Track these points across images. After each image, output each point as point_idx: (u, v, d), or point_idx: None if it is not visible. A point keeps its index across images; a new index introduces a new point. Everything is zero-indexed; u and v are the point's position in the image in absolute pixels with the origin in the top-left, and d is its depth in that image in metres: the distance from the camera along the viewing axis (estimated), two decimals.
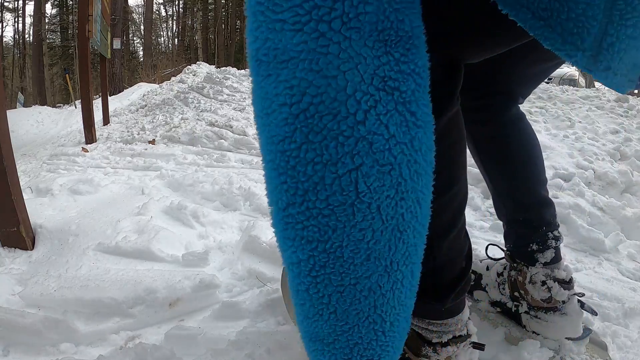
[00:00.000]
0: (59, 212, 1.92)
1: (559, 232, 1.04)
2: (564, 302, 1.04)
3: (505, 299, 1.15)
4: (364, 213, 0.47)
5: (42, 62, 19.67)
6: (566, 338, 1.05)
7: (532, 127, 1.14)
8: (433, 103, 0.49)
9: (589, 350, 1.07)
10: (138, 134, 3.92)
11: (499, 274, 1.18)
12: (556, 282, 1.02)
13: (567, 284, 1.03)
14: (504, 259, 1.23)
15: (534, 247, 1.03)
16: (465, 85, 0.67)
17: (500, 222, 1.17)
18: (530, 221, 1.03)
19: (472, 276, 1.25)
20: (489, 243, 1.24)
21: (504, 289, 1.16)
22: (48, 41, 22.16)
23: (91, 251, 1.55)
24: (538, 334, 1.07)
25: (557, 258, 1.03)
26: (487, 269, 1.22)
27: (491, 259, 1.21)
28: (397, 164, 0.46)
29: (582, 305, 1.12)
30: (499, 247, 1.22)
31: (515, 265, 1.11)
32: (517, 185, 1.04)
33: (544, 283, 1.03)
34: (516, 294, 1.11)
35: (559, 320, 1.03)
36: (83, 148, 3.55)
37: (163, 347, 1.07)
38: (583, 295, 1.10)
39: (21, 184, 1.69)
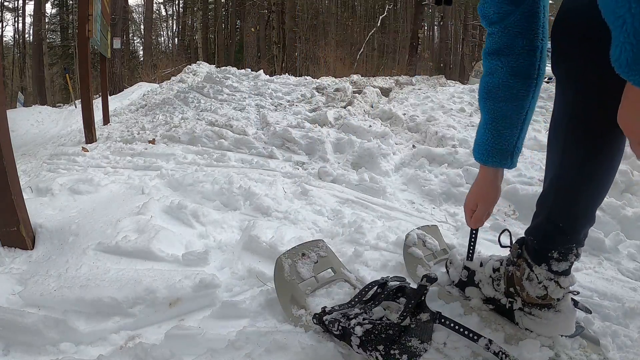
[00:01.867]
0: (59, 212, 1.92)
1: (581, 250, 1.01)
2: (558, 299, 1.03)
3: (499, 296, 1.14)
4: None
5: (42, 62, 19.62)
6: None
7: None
8: None
9: (582, 346, 1.08)
10: (138, 133, 3.92)
11: (495, 270, 1.17)
12: (554, 282, 1.01)
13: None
14: (496, 255, 1.22)
15: (555, 254, 1.00)
16: None
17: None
18: (568, 232, 0.99)
19: (465, 272, 1.24)
20: (504, 229, 1.21)
21: (498, 285, 1.15)
22: (48, 41, 22.12)
23: (91, 251, 1.55)
24: (531, 332, 1.06)
25: (567, 272, 1.02)
26: (481, 265, 1.21)
27: (503, 246, 1.19)
28: None
29: (575, 303, 1.12)
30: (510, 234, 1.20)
31: (516, 260, 1.10)
32: (599, 194, 0.97)
33: (541, 282, 1.02)
34: (511, 289, 1.10)
35: (553, 317, 1.03)
36: (83, 148, 3.55)
37: (163, 347, 1.07)
38: (578, 293, 1.10)
39: (21, 183, 1.69)
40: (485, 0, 1.00)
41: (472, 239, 1.26)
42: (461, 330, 1.04)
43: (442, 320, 1.07)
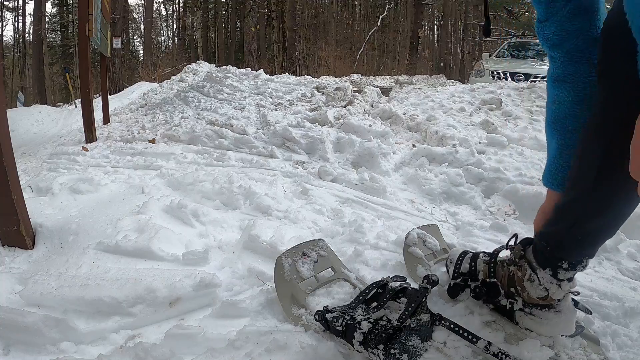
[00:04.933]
0: (59, 211, 1.92)
1: (588, 262, 1.00)
2: (559, 300, 1.03)
3: (500, 296, 1.14)
4: None
5: (42, 61, 19.61)
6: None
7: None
8: None
9: (582, 345, 1.08)
10: (138, 132, 3.91)
11: (486, 263, 1.19)
12: (555, 285, 1.01)
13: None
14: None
15: (564, 265, 0.98)
16: None
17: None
18: (587, 246, 0.97)
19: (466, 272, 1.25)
20: (514, 234, 1.21)
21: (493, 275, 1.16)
22: (48, 40, 22.10)
23: (91, 250, 1.55)
24: (531, 331, 1.07)
25: (571, 279, 1.01)
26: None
27: (509, 247, 1.19)
28: None
29: (575, 304, 1.12)
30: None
31: (517, 260, 1.10)
32: (627, 213, 0.94)
33: (542, 284, 1.02)
34: (512, 289, 1.10)
35: (553, 317, 1.03)
36: (83, 147, 3.55)
37: (163, 346, 1.07)
38: (578, 293, 1.10)
39: (21, 183, 1.69)
40: (545, 23, 0.97)
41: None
42: (460, 332, 1.04)
43: (442, 322, 1.07)
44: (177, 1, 28.50)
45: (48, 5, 22.38)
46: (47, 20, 21.73)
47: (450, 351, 1.03)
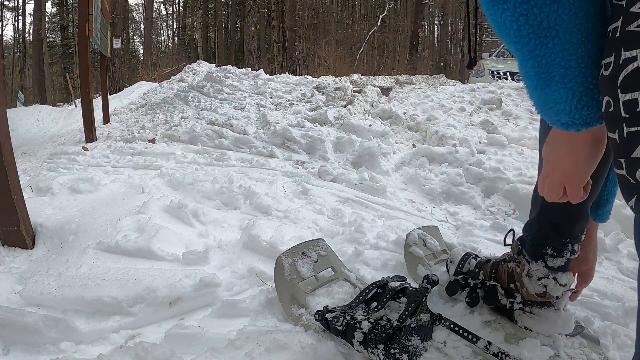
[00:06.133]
0: (59, 211, 1.92)
1: (578, 247, 1.01)
2: (557, 297, 1.04)
3: (500, 296, 1.15)
4: None
5: (42, 61, 19.63)
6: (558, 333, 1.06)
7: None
8: None
9: (582, 345, 1.08)
10: (138, 132, 3.91)
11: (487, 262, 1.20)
12: (552, 280, 1.02)
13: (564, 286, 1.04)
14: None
15: (549, 250, 1.01)
16: None
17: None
18: (561, 228, 0.98)
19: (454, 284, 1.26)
20: (510, 229, 1.22)
21: (494, 278, 1.17)
22: (48, 40, 22.10)
23: (91, 250, 1.55)
24: (530, 330, 1.07)
25: (564, 268, 1.02)
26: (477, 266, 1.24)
27: (507, 244, 1.20)
28: None
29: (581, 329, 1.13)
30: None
31: (516, 256, 1.11)
32: (593, 191, 0.88)
33: (540, 279, 1.03)
34: (512, 285, 1.11)
35: (552, 315, 1.04)
36: (83, 147, 3.55)
37: (163, 346, 1.07)
38: (575, 291, 1.11)
39: (21, 182, 1.69)
40: None
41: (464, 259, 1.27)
42: (460, 331, 1.04)
43: (442, 322, 1.07)
44: (177, 1, 28.49)
45: (48, 5, 22.39)
46: (47, 20, 21.73)
47: (450, 351, 1.03)
